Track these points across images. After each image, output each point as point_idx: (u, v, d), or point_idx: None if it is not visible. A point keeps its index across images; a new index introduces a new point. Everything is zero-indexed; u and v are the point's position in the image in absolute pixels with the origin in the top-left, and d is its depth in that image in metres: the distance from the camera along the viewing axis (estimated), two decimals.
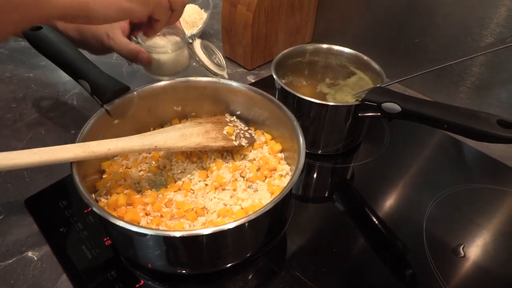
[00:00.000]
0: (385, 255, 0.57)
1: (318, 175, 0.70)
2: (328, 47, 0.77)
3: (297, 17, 0.96)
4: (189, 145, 0.58)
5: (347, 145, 0.72)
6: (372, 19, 0.92)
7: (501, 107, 0.77)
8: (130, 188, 0.56)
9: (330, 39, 0.98)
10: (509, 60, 0.73)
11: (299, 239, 0.58)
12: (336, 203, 0.64)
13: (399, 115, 0.57)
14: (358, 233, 0.59)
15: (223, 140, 0.61)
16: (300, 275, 0.52)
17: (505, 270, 0.55)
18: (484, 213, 0.63)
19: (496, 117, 0.47)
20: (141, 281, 0.51)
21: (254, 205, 0.54)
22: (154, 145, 0.54)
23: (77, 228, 0.56)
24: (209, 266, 0.51)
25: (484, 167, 0.72)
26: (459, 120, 0.49)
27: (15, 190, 0.62)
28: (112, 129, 0.58)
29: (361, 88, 0.71)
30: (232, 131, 0.63)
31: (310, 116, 0.66)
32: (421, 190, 0.66)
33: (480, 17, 0.73)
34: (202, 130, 0.61)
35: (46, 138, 0.72)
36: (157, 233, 0.43)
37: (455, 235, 0.59)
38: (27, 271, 0.51)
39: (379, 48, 0.92)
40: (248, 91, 0.63)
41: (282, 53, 0.74)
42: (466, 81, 0.81)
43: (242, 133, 0.64)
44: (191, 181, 0.59)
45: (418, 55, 0.86)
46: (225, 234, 0.45)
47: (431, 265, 0.54)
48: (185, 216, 0.53)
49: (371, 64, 0.73)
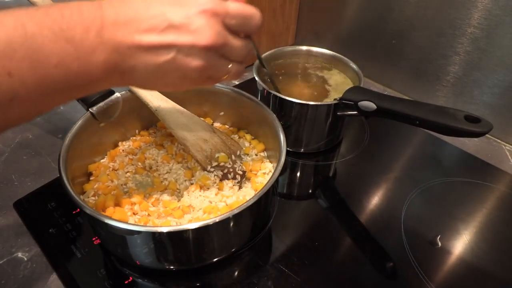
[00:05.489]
0: (365, 247, 0.59)
1: (301, 172, 0.73)
2: (307, 49, 0.80)
3: (279, 21, 0.99)
4: (177, 134, 0.61)
5: (328, 143, 0.74)
6: (351, 22, 0.95)
7: (475, 103, 0.81)
8: (117, 189, 0.57)
9: (311, 42, 1.01)
10: (481, 60, 0.76)
11: (283, 234, 0.60)
12: (319, 200, 0.67)
13: (374, 113, 0.59)
14: (339, 228, 0.62)
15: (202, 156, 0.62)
16: (284, 268, 0.54)
17: (479, 259, 0.57)
18: (460, 205, 0.65)
19: (463, 112, 0.50)
20: (129, 278, 0.52)
21: (238, 201, 0.56)
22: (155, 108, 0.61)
23: (66, 229, 0.57)
24: (196, 261, 0.52)
25: (460, 162, 0.76)
26: (429, 116, 0.52)
27: (3, 193, 0.63)
28: (98, 132, 0.60)
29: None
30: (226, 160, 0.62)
31: (292, 115, 0.68)
32: (400, 185, 0.69)
33: (452, 19, 0.77)
34: (205, 136, 0.63)
35: (34, 142, 0.73)
36: (144, 229, 0.45)
37: (432, 227, 0.61)
38: (18, 271, 0.52)
39: (358, 49, 0.95)
40: (231, 93, 0.66)
41: (263, 56, 0.76)
42: (442, 80, 0.84)
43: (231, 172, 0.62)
44: (177, 181, 0.60)
45: (395, 55, 0.89)
46: (210, 228, 0.47)
47: (409, 256, 0.57)
48: (172, 214, 0.55)
49: (349, 65, 0.75)
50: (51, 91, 0.36)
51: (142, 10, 0.37)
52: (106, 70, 0.38)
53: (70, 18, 0.35)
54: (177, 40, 0.38)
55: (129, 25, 0.37)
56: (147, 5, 0.37)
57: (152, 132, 0.69)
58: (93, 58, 0.36)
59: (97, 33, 0.36)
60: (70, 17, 0.35)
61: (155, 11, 0.37)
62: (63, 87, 0.36)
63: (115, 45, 0.37)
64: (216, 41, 0.39)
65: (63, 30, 0.34)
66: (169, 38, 0.37)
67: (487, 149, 0.77)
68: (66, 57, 0.35)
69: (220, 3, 0.38)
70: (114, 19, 0.36)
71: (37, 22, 0.34)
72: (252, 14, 0.41)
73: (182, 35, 0.38)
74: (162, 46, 0.38)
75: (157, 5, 0.37)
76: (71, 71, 0.35)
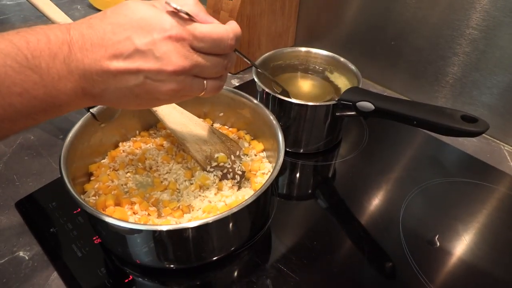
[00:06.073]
0: (364, 247, 0.59)
1: (300, 173, 0.73)
2: (306, 50, 0.80)
3: (278, 22, 0.99)
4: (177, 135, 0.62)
5: (327, 143, 0.75)
6: (351, 24, 0.95)
7: (474, 104, 0.81)
8: (117, 189, 0.58)
9: (311, 43, 1.02)
10: (480, 61, 0.77)
11: (282, 234, 0.60)
12: (318, 200, 0.67)
13: (373, 113, 0.60)
14: (338, 227, 0.62)
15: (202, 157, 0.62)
16: (282, 267, 0.55)
17: (477, 258, 0.58)
18: (458, 205, 0.66)
19: (460, 112, 0.50)
20: (129, 276, 0.53)
21: (237, 201, 0.56)
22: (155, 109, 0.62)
23: (67, 228, 0.58)
24: (196, 260, 0.53)
25: (459, 162, 0.76)
26: (426, 116, 0.52)
27: (5, 193, 0.64)
28: (98, 133, 0.61)
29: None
30: (225, 160, 0.63)
31: (291, 116, 0.69)
32: (399, 185, 0.69)
33: (451, 20, 0.77)
34: (204, 137, 0.63)
35: (35, 143, 0.73)
36: (144, 227, 0.46)
37: (430, 227, 0.62)
38: (19, 270, 0.53)
39: (358, 50, 0.95)
40: (230, 94, 0.66)
41: (263, 57, 0.77)
42: (441, 81, 0.84)
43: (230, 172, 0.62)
44: (177, 181, 0.61)
45: (395, 56, 0.90)
46: (209, 227, 0.48)
47: (407, 255, 0.57)
48: (172, 214, 0.55)
49: (348, 66, 0.76)
50: (15, 118, 0.35)
51: (109, 34, 0.36)
52: (75, 95, 0.37)
53: (36, 46, 0.34)
54: (143, 66, 0.37)
55: (96, 50, 0.36)
56: (114, 29, 0.36)
57: (152, 132, 0.70)
58: (60, 85, 0.36)
59: (64, 60, 0.35)
60: (37, 44, 0.34)
61: (121, 36, 0.36)
62: (28, 113, 0.36)
63: (83, 71, 0.36)
64: (184, 66, 0.38)
65: (28, 59, 0.34)
66: (136, 64, 0.37)
67: (486, 150, 0.78)
68: (31, 86, 0.34)
69: (186, 27, 0.37)
70: (81, 44, 0.36)
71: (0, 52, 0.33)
72: (222, 36, 0.39)
73: (149, 61, 0.37)
74: (129, 72, 0.37)
75: (123, 29, 0.36)
76: (36, 99, 0.35)
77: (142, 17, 0.37)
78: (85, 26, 0.37)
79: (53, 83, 0.35)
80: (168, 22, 0.37)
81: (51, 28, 0.36)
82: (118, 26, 0.36)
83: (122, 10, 0.37)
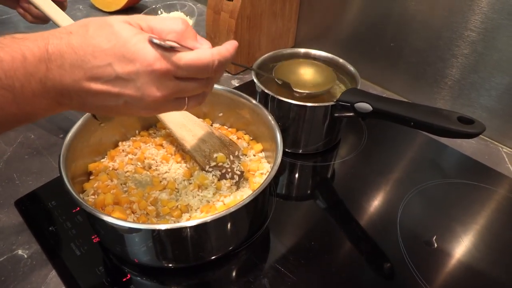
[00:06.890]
0: (362, 247, 0.59)
1: (299, 173, 0.73)
2: (305, 51, 0.81)
3: (279, 23, 0.99)
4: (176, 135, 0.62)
5: (326, 144, 0.75)
6: (351, 25, 0.95)
7: (472, 106, 0.81)
8: (116, 188, 0.58)
9: (311, 45, 1.02)
10: (479, 63, 0.77)
11: (280, 234, 0.60)
12: (317, 200, 0.67)
13: (371, 114, 0.60)
14: (336, 228, 0.62)
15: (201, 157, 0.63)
16: (280, 267, 0.55)
17: (474, 259, 0.58)
18: (456, 206, 0.66)
19: (457, 114, 0.50)
20: (127, 275, 0.53)
21: (235, 200, 0.57)
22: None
23: (66, 227, 0.58)
24: (194, 259, 0.53)
25: (457, 164, 0.76)
26: (424, 117, 0.52)
27: (5, 191, 0.64)
28: (98, 132, 0.61)
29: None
30: (224, 160, 0.63)
31: (290, 117, 0.69)
32: (397, 186, 0.69)
33: (450, 22, 0.78)
34: (203, 137, 0.64)
35: (35, 142, 0.74)
36: (142, 226, 0.46)
37: (428, 227, 0.62)
38: (18, 268, 0.53)
39: (357, 52, 0.96)
40: (229, 94, 0.66)
41: (262, 58, 0.77)
42: (440, 82, 0.85)
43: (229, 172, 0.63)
44: (176, 181, 0.61)
45: (394, 58, 0.90)
46: (207, 226, 0.48)
47: (404, 256, 0.57)
48: (170, 213, 0.55)
49: (347, 67, 0.76)
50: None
51: (89, 57, 0.35)
52: (51, 109, 0.37)
53: (10, 65, 0.33)
54: (124, 91, 0.37)
55: (76, 72, 0.35)
56: (94, 52, 0.35)
57: (151, 132, 0.70)
58: (35, 102, 0.36)
59: (41, 80, 0.35)
60: (11, 63, 0.34)
61: (102, 62, 0.35)
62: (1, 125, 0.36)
63: (61, 90, 0.36)
64: (165, 95, 0.38)
65: (1, 79, 0.33)
66: (117, 89, 0.37)
67: (484, 151, 0.78)
68: (3, 103, 0.34)
69: (170, 59, 0.36)
70: (60, 63, 0.35)
71: None
72: (207, 63, 0.38)
73: (130, 88, 0.37)
74: (110, 94, 0.37)
75: (105, 55, 0.35)
76: (9, 114, 0.35)
77: (125, 44, 0.35)
78: (64, 43, 0.35)
79: (27, 101, 0.35)
80: (152, 55, 0.36)
81: (26, 43, 0.35)
82: (99, 50, 0.35)
83: (105, 32, 0.36)
